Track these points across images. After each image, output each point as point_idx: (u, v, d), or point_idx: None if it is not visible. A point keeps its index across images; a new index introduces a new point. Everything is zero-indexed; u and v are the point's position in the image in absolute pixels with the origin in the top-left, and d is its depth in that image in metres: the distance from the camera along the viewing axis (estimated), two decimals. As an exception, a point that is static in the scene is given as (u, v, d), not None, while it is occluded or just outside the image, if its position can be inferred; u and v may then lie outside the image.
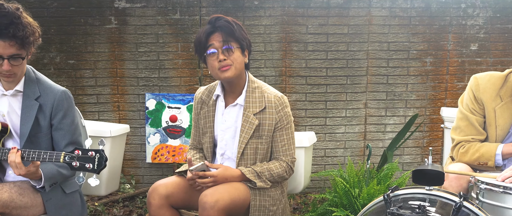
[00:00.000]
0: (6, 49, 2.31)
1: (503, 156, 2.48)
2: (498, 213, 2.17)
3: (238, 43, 2.51)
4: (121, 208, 4.09)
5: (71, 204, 2.61)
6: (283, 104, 2.59)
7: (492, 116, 2.54)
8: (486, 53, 4.49)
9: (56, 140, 2.52)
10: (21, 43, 2.31)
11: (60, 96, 2.52)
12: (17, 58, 2.35)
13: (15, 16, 2.28)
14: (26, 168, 2.27)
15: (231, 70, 2.49)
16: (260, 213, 2.50)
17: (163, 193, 2.50)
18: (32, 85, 2.52)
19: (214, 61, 2.49)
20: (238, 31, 2.51)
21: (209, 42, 2.50)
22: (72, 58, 4.34)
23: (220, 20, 2.50)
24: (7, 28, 2.26)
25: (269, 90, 2.62)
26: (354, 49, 4.43)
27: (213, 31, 2.50)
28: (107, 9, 4.30)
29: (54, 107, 2.50)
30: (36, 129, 2.49)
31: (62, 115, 2.52)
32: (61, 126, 2.52)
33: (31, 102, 2.49)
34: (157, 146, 4.31)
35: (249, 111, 2.56)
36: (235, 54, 2.49)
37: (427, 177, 2.02)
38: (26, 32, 2.30)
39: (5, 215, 2.38)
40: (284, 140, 2.60)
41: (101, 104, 4.41)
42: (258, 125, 2.55)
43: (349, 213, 2.95)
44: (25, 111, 2.49)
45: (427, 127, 4.55)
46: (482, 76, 2.59)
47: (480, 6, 4.42)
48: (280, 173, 2.56)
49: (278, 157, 2.60)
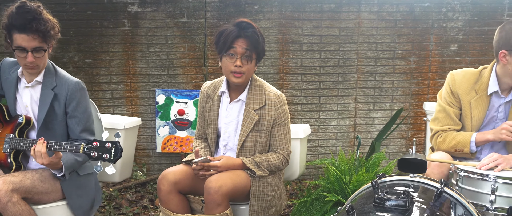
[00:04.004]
0: (30, 42, 2.33)
1: (476, 143, 2.50)
2: (476, 198, 2.17)
3: (257, 54, 2.48)
4: (133, 194, 4.09)
5: (85, 184, 2.62)
6: (282, 102, 2.57)
7: (467, 108, 2.56)
8: (464, 53, 4.47)
9: (71, 127, 2.53)
10: (43, 36, 2.35)
11: (74, 87, 2.53)
12: (39, 51, 2.38)
13: (37, 12, 2.32)
14: (49, 159, 2.27)
15: (242, 78, 2.48)
16: (259, 198, 2.50)
17: (171, 180, 2.50)
18: (50, 76, 2.53)
19: (230, 64, 2.45)
20: (261, 43, 2.49)
21: (233, 45, 2.43)
22: (89, 57, 4.33)
23: (249, 28, 2.44)
24: (30, 23, 2.30)
25: (270, 89, 2.60)
26: (345, 49, 4.41)
27: (240, 36, 2.43)
28: (121, 13, 4.28)
29: (68, 96, 2.51)
30: (51, 116, 2.50)
31: (76, 104, 2.52)
32: (75, 114, 2.52)
33: (47, 91, 2.50)
34: (166, 137, 4.30)
35: (250, 107, 2.55)
36: (251, 64, 2.47)
37: (411, 165, 2.02)
38: (47, 26, 2.34)
39: (28, 200, 2.39)
40: (281, 135, 2.59)
41: (115, 99, 4.40)
42: (258, 120, 2.54)
43: (341, 198, 2.95)
44: (42, 99, 2.50)
45: (411, 120, 4.55)
46: (458, 72, 2.62)
47: (459, 10, 4.40)
48: (277, 164, 2.56)
49: (276, 150, 2.59)
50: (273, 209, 2.57)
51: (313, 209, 3.07)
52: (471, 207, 1.95)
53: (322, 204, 3.04)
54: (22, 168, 2.54)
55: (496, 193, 2.11)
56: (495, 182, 2.11)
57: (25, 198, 2.36)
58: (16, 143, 2.47)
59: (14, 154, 2.50)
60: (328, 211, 2.98)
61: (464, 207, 1.96)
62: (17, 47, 2.35)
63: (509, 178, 2.11)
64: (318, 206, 3.06)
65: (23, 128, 2.52)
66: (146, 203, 3.90)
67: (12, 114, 2.57)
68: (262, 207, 2.51)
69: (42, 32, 2.32)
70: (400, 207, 1.72)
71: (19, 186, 2.32)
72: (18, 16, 2.30)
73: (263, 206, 2.51)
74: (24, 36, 2.31)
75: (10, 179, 2.31)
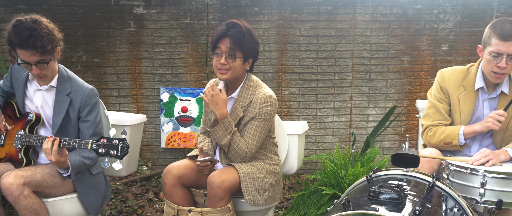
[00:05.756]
0: (31, 57, 2.31)
1: (464, 136, 2.50)
2: (466, 191, 2.17)
3: (243, 53, 2.43)
4: (139, 187, 4.09)
5: (97, 183, 2.62)
6: (268, 102, 2.47)
7: (456, 104, 2.57)
8: (455, 53, 4.47)
9: (82, 130, 2.53)
10: (42, 51, 2.29)
11: (88, 93, 2.53)
12: (42, 63, 2.35)
13: (32, 29, 2.25)
14: (58, 156, 2.26)
15: (227, 74, 2.44)
16: (250, 179, 2.44)
17: (175, 174, 2.50)
18: (64, 82, 2.52)
19: (216, 61, 2.45)
20: (247, 42, 2.42)
21: (218, 44, 2.43)
22: (97, 57, 4.33)
23: (235, 28, 2.41)
24: (27, 40, 2.24)
25: (262, 89, 2.53)
26: (341, 49, 4.41)
27: (224, 35, 2.42)
28: (127, 14, 4.28)
29: (83, 102, 2.51)
30: (66, 120, 2.49)
31: (89, 109, 2.52)
32: (88, 118, 2.52)
33: (63, 97, 2.49)
34: (170, 133, 4.30)
35: (238, 103, 2.51)
36: (236, 62, 2.42)
37: (404, 160, 2.02)
38: (43, 42, 2.27)
39: (38, 193, 2.39)
40: (251, 130, 2.48)
41: (121, 97, 4.39)
42: (242, 117, 2.50)
43: (337, 191, 2.95)
44: (57, 104, 2.50)
45: (404, 117, 4.54)
46: (446, 70, 2.65)
47: (450, 12, 4.40)
48: (239, 150, 2.47)
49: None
50: (267, 194, 2.50)
51: (310, 202, 3.07)
52: (461, 200, 1.96)
53: (319, 197, 3.05)
54: (32, 163, 2.54)
55: (485, 187, 2.11)
56: (484, 176, 2.11)
57: (35, 192, 2.36)
58: (26, 139, 2.47)
59: (25, 150, 2.51)
60: (325, 204, 2.98)
61: (454, 200, 1.96)
62: (22, 61, 2.33)
63: (497, 173, 2.12)
64: (316, 199, 3.06)
65: (33, 125, 2.52)
66: (151, 196, 3.90)
67: (22, 112, 2.57)
68: (256, 188, 2.45)
69: (40, 48, 2.27)
70: (393, 200, 1.73)
71: (30, 180, 2.32)
72: (15, 35, 2.25)
73: (257, 188, 2.45)
74: (24, 52, 2.28)
75: (21, 174, 2.31)
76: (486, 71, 2.45)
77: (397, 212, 1.64)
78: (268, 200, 2.52)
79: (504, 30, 2.31)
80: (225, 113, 2.44)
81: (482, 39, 2.45)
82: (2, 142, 2.55)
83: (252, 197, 2.44)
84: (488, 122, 2.41)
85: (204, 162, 2.47)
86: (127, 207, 3.67)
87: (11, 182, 2.26)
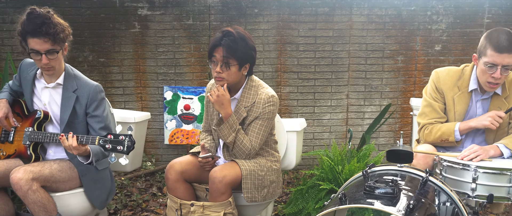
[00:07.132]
0: (42, 45, 2.31)
1: (460, 132, 2.50)
2: (458, 186, 2.17)
3: (237, 60, 2.40)
4: (143, 182, 4.09)
5: (103, 178, 2.62)
6: (271, 102, 2.49)
7: (451, 103, 2.56)
8: (448, 53, 4.46)
9: (92, 125, 2.53)
10: (53, 39, 2.32)
11: (94, 89, 2.53)
12: (52, 52, 2.36)
13: (46, 17, 2.30)
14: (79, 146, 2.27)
15: (224, 82, 2.43)
16: (251, 176, 2.45)
17: (178, 169, 2.50)
18: (70, 79, 2.52)
19: (213, 70, 2.44)
20: (241, 49, 2.39)
21: (213, 53, 2.41)
22: (103, 56, 4.32)
23: (228, 36, 2.38)
24: (41, 27, 2.28)
25: (264, 90, 2.53)
26: (338, 49, 4.40)
27: (218, 45, 2.38)
28: (131, 16, 4.27)
29: (89, 98, 2.51)
30: (73, 116, 2.50)
31: (96, 105, 2.53)
32: (96, 113, 2.52)
33: (69, 94, 2.50)
34: (173, 130, 4.30)
35: (241, 104, 2.51)
36: (231, 70, 2.40)
37: (399, 156, 2.02)
38: (56, 29, 2.32)
39: (47, 188, 2.39)
40: (255, 128, 2.49)
41: (126, 95, 4.39)
42: (245, 117, 2.51)
43: (334, 186, 2.95)
44: (64, 101, 2.50)
45: (398, 115, 4.54)
46: (441, 70, 2.63)
47: (443, 13, 4.39)
48: (243, 147, 2.48)
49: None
50: (266, 190, 2.51)
51: (308, 197, 3.08)
52: (454, 194, 1.96)
53: (317, 191, 3.05)
54: (40, 159, 2.54)
55: (477, 182, 2.11)
56: (476, 172, 2.11)
57: (44, 186, 2.37)
58: (35, 136, 2.47)
59: (33, 146, 2.51)
60: (322, 198, 2.98)
61: (447, 194, 1.96)
62: (31, 51, 2.34)
63: (489, 168, 2.12)
64: (313, 194, 3.06)
65: (41, 122, 2.53)
66: (155, 191, 3.90)
67: (30, 109, 2.57)
68: (255, 186, 2.46)
69: (52, 35, 2.30)
70: (388, 195, 1.73)
71: (38, 175, 2.32)
72: (29, 22, 2.28)
73: (256, 185, 2.46)
74: (36, 40, 2.30)
75: (30, 169, 2.31)
76: (481, 81, 2.43)
77: (391, 206, 1.64)
78: (267, 196, 2.53)
79: (499, 41, 2.27)
80: (230, 112, 2.46)
81: (478, 49, 2.42)
82: (12, 139, 2.55)
83: (250, 195, 2.45)
84: (486, 120, 2.41)
85: (206, 158, 2.47)
86: (132, 201, 3.67)
87: (20, 177, 2.26)
